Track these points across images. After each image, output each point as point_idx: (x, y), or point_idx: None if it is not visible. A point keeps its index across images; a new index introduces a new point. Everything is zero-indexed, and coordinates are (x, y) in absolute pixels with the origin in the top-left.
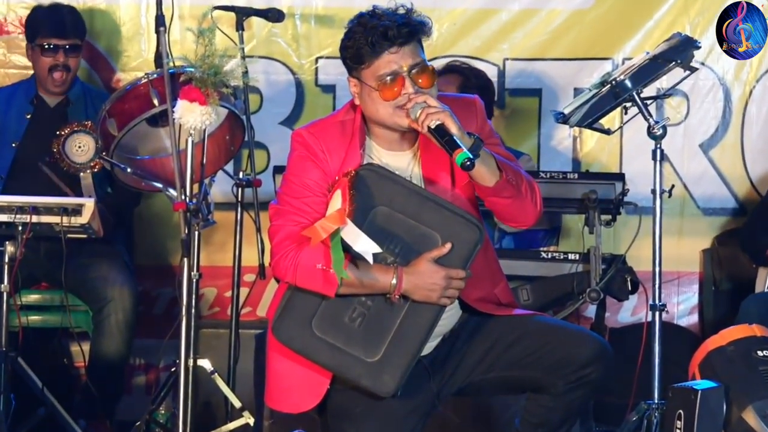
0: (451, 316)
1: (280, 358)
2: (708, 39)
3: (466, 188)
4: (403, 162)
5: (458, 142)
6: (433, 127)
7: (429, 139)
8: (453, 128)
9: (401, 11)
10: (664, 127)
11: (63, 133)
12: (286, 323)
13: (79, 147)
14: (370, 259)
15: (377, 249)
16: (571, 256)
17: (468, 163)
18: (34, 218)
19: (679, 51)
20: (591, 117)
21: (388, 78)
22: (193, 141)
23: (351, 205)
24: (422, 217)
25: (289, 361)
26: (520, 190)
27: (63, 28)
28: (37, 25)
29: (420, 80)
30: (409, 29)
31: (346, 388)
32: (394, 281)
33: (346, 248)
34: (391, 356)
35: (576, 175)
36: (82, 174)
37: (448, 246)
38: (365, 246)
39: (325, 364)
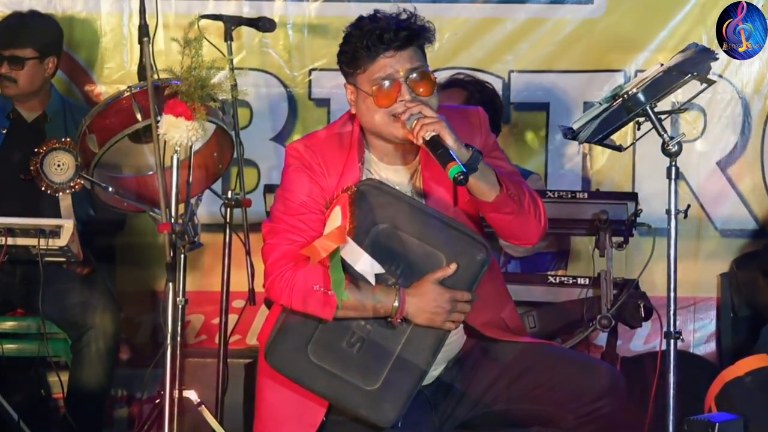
0: (455, 342)
1: (273, 386)
2: None
3: (468, 206)
4: (403, 177)
5: (452, 155)
6: (427, 138)
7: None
8: (449, 140)
9: (403, 16)
10: (680, 144)
11: (41, 150)
12: (279, 349)
13: (58, 166)
14: (372, 281)
15: (380, 269)
16: (580, 281)
17: (461, 177)
18: (10, 240)
19: (696, 63)
20: (602, 133)
21: (384, 83)
22: (178, 158)
23: (352, 223)
24: (426, 236)
25: (282, 389)
26: (522, 206)
27: (5, 37)
28: None
29: (418, 88)
30: (407, 33)
31: (343, 418)
32: (396, 304)
33: (346, 268)
34: (392, 384)
35: (586, 195)
36: (60, 194)
37: (453, 267)
38: (367, 266)
39: (321, 393)
